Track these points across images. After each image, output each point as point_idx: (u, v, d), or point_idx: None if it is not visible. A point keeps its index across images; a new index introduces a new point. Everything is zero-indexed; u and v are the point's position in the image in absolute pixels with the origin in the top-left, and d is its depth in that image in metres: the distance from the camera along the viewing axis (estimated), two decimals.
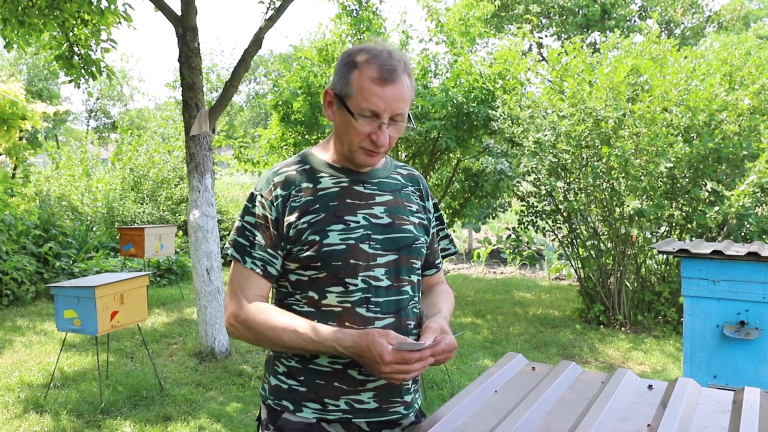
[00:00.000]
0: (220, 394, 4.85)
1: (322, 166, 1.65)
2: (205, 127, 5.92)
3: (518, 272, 11.00)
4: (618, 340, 6.40)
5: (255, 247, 1.59)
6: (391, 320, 1.59)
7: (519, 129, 7.02)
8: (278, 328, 1.51)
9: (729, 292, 3.49)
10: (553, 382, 1.76)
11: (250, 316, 1.55)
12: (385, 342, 1.43)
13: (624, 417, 1.57)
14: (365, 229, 1.58)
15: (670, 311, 6.78)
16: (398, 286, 1.62)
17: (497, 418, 1.57)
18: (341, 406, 1.56)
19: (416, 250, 1.66)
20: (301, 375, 1.58)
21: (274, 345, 1.55)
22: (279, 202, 1.58)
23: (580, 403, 1.65)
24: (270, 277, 1.60)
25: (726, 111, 6.24)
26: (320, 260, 1.54)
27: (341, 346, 1.47)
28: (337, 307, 1.55)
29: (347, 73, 1.55)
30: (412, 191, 1.75)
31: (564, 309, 7.86)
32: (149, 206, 11.26)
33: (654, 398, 1.69)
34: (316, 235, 1.54)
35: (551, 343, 6.27)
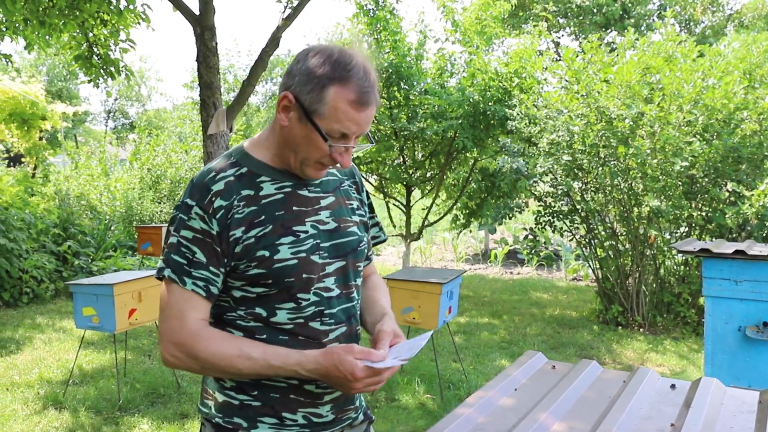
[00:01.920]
0: None
1: (261, 168, 1.50)
2: (223, 126, 5.94)
3: (535, 273, 10.93)
4: (636, 342, 6.33)
5: (194, 266, 1.42)
6: (344, 329, 1.54)
7: (536, 129, 6.97)
8: (231, 356, 1.40)
9: (752, 292, 3.44)
10: (573, 381, 1.74)
11: (196, 345, 1.40)
12: (352, 359, 1.37)
13: (647, 416, 1.54)
14: (314, 238, 1.49)
15: (689, 312, 6.70)
16: (347, 293, 1.57)
17: (517, 416, 1.55)
18: (299, 420, 1.50)
19: (361, 253, 1.61)
20: (254, 390, 1.48)
21: (225, 374, 1.44)
22: (221, 215, 1.42)
23: (601, 402, 1.62)
24: (212, 297, 1.45)
25: (746, 110, 6.15)
26: (271, 277, 1.43)
27: (304, 369, 1.40)
28: (288, 324, 1.47)
29: (320, 88, 1.39)
30: (349, 185, 1.67)
31: (581, 310, 7.80)
32: (167, 205, 11.33)
33: (677, 398, 1.66)
34: (265, 251, 1.43)
35: (569, 344, 6.22)
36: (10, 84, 13.87)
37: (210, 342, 1.41)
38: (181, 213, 1.45)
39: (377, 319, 1.63)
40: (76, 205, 10.15)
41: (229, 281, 1.48)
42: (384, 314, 1.64)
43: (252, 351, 1.42)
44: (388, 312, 1.65)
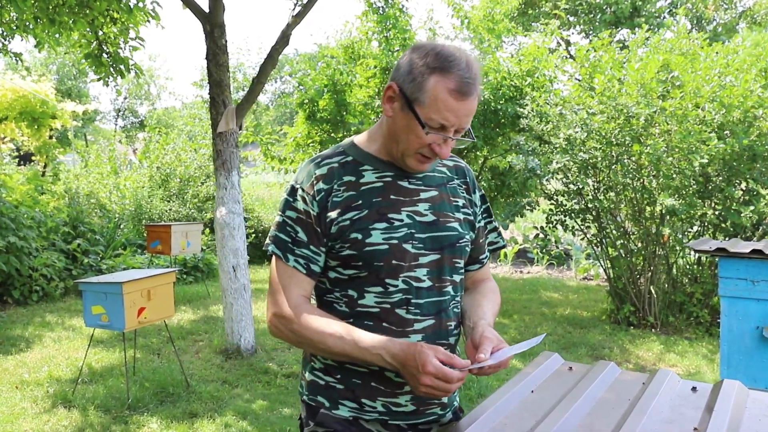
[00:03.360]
0: (245, 392, 4.84)
1: (365, 158, 1.57)
2: (232, 124, 5.92)
3: (545, 272, 10.87)
4: (649, 342, 6.27)
5: (297, 244, 1.53)
6: (431, 322, 1.55)
7: (548, 126, 6.91)
8: (324, 333, 1.46)
9: None
10: (591, 383, 1.69)
11: (294, 318, 1.49)
12: (431, 354, 1.36)
13: (668, 420, 1.50)
14: (409, 227, 1.52)
15: (702, 313, 6.63)
16: (440, 287, 1.57)
17: (535, 418, 1.51)
18: (378, 407, 1.52)
19: (460, 249, 1.61)
20: (338, 373, 1.54)
21: (316, 349, 1.50)
22: (321, 197, 1.51)
23: (621, 405, 1.58)
24: (313, 275, 1.54)
25: (762, 107, 6.07)
26: (361, 259, 1.49)
27: (388, 354, 1.41)
28: (375, 307, 1.50)
29: (422, 77, 1.43)
30: (458, 184, 1.68)
31: (593, 309, 7.73)
32: (176, 204, 11.33)
33: (699, 401, 1.61)
34: (358, 233, 1.49)
35: (580, 344, 6.17)
36: (21, 83, 13.93)
37: (307, 318, 1.49)
38: (288, 195, 1.56)
39: (474, 323, 1.61)
40: (86, 204, 10.16)
41: (327, 261, 1.55)
42: (480, 319, 1.60)
43: (343, 331, 1.46)
44: (487, 318, 1.61)
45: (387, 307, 1.50)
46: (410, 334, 1.50)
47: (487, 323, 1.57)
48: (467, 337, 1.59)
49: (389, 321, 1.49)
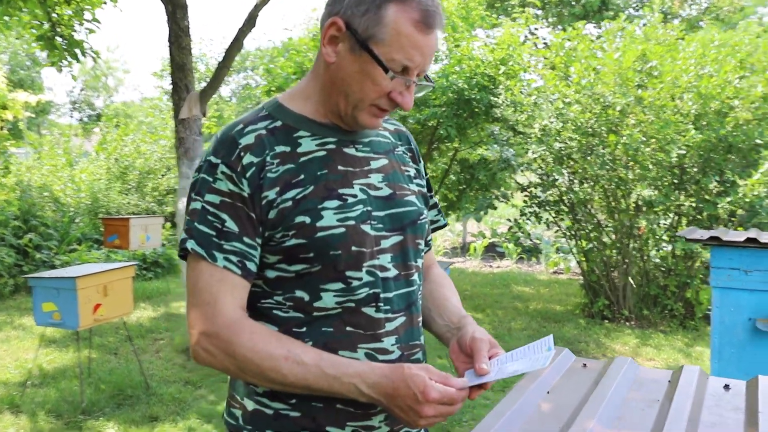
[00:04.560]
0: (210, 393, 4.56)
1: (299, 122, 1.25)
2: (196, 110, 5.61)
3: (515, 266, 10.76)
4: (624, 335, 6.16)
5: (225, 237, 1.17)
6: (403, 319, 1.27)
7: (523, 116, 6.76)
8: (277, 357, 1.13)
9: (763, 282, 3.24)
10: (612, 382, 1.49)
11: (234, 339, 1.14)
12: (426, 376, 1.10)
13: (710, 424, 1.30)
14: (364, 204, 1.23)
15: (676, 306, 6.55)
16: (407, 276, 1.29)
17: (558, 424, 1.30)
18: None
19: (421, 228, 1.32)
20: (292, 397, 1.20)
21: (264, 378, 1.15)
22: (252, 173, 1.17)
23: (651, 407, 1.38)
24: (250, 275, 1.19)
25: (738, 98, 6.01)
26: (313, 249, 1.17)
27: (365, 383, 1.12)
28: (336, 309, 1.20)
29: (376, 7, 1.15)
30: (404, 152, 1.40)
31: (565, 303, 7.62)
32: (135, 197, 10.90)
33: (736, 401, 1.42)
34: (305, 216, 1.17)
35: (556, 339, 5.99)
36: None
37: (253, 337, 1.15)
38: (205, 173, 1.20)
39: (454, 323, 1.35)
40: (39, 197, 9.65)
41: (263, 257, 1.22)
42: (463, 317, 1.36)
43: (304, 355, 1.15)
44: (466, 314, 1.37)
45: (351, 306, 1.20)
46: (382, 338, 1.22)
47: (471, 321, 1.32)
48: (444, 340, 1.34)
49: (355, 324, 1.20)
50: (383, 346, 1.23)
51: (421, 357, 1.31)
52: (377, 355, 1.22)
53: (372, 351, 1.22)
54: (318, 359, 1.14)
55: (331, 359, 1.14)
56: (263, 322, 1.21)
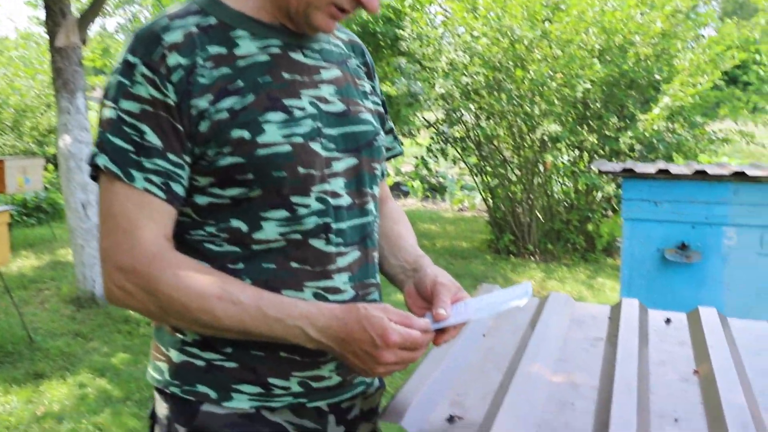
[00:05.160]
0: (103, 345, 4.23)
1: (237, 19, 1.02)
2: (74, 37, 5.02)
3: (421, 204, 10.77)
4: (530, 270, 6.27)
5: (146, 153, 0.96)
6: (357, 254, 1.07)
7: (429, 49, 6.57)
8: (208, 297, 0.94)
9: (672, 213, 3.27)
10: (550, 319, 1.36)
11: (157, 275, 0.94)
12: (385, 317, 0.93)
13: (659, 362, 1.19)
14: (314, 119, 1.02)
15: (578, 239, 6.73)
16: (361, 204, 1.09)
17: (500, 370, 1.15)
18: (293, 387, 1.04)
19: (378, 151, 1.13)
20: (228, 345, 1.01)
21: (193, 321, 0.96)
22: (179, 77, 0.96)
23: (595, 347, 1.26)
24: (176, 200, 0.98)
25: (639, 34, 6.07)
26: (252, 170, 0.97)
27: (314, 327, 0.94)
28: (279, 241, 1.00)
29: None
30: (358, 65, 1.19)
31: (472, 240, 7.68)
32: (11, 137, 9.96)
33: (681, 335, 1.32)
34: (244, 130, 0.96)
35: (464, 275, 6.04)
36: None
37: (179, 273, 0.95)
38: (120, 76, 0.98)
39: (410, 263, 1.15)
40: None
41: (193, 179, 1.01)
42: (419, 257, 1.17)
43: (241, 293, 0.96)
44: (423, 254, 1.18)
45: (297, 238, 1.01)
46: (333, 275, 1.03)
47: (428, 261, 1.14)
48: (398, 282, 1.16)
49: (301, 259, 1.01)
50: (334, 285, 1.04)
51: (377, 297, 1.13)
52: (327, 295, 1.03)
53: (321, 290, 1.03)
54: (257, 298, 0.95)
55: (273, 299, 0.96)
56: (192, 257, 1.00)
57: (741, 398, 0.99)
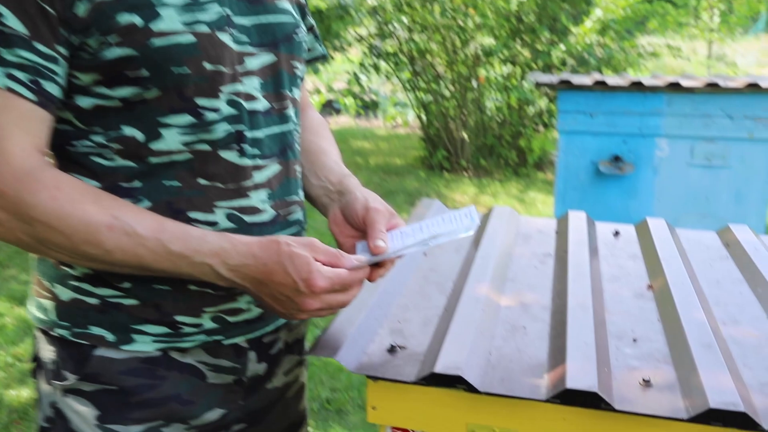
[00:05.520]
0: (21, 272, 3.98)
1: None
2: None
3: (354, 122, 10.55)
4: (463, 186, 6.26)
5: (6, 42, 0.75)
6: (277, 168, 0.92)
7: None
8: (96, 226, 0.76)
9: (606, 125, 3.23)
10: (495, 235, 1.26)
11: (29, 198, 0.76)
12: (310, 255, 0.79)
13: (611, 277, 1.12)
14: (221, 4, 0.84)
15: (510, 154, 6.73)
16: (280, 109, 0.93)
17: (443, 293, 1.05)
18: (205, 324, 0.89)
19: (298, 47, 0.96)
20: (125, 279, 0.85)
21: (79, 256, 0.79)
22: None
23: (544, 264, 1.18)
24: (50, 103, 0.78)
25: None
26: (147, 65, 0.79)
27: (226, 265, 0.79)
28: (183, 153, 0.83)
29: None
30: None
31: (405, 157, 7.58)
32: None
33: (631, 248, 1.26)
34: (134, 15, 0.77)
35: (398, 192, 5.97)
36: None
37: (58, 195, 0.77)
38: None
39: (334, 184, 1.00)
40: None
41: (73, 77, 0.80)
42: (344, 176, 1.02)
43: (137, 222, 0.79)
44: (349, 173, 1.03)
45: (205, 150, 0.84)
46: (249, 192, 0.88)
47: (356, 183, 1.00)
48: (321, 206, 1.02)
49: (211, 174, 0.85)
50: (251, 204, 0.89)
51: (300, 217, 0.99)
52: (243, 216, 0.88)
53: (236, 211, 0.87)
54: (158, 230, 0.79)
55: (176, 230, 0.80)
56: (76, 174, 0.82)
57: (700, 314, 0.93)
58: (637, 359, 0.85)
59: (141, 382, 0.86)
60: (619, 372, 0.82)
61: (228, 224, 0.86)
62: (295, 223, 0.96)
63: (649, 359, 0.85)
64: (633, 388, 0.79)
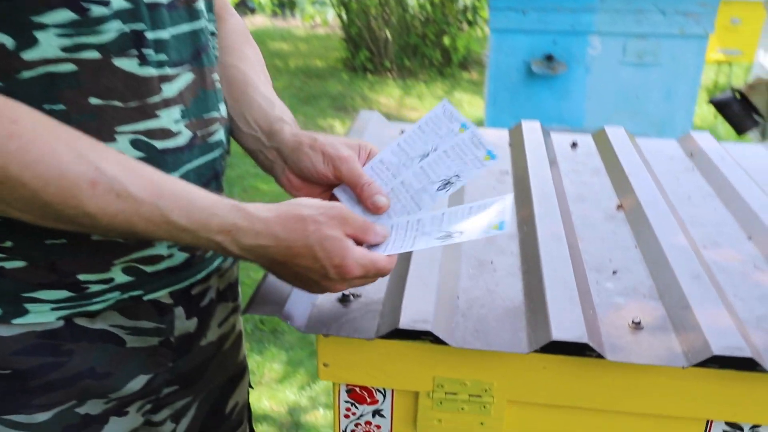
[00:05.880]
0: None
1: None
2: None
3: (270, 22, 9.97)
4: (388, 88, 6.05)
5: None
6: (189, 77, 0.73)
7: None
8: (74, 178, 0.58)
9: (539, 22, 3.09)
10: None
11: None
12: (344, 239, 0.65)
13: (578, 197, 1.01)
14: None
15: (435, 54, 6.53)
16: (188, 1, 0.73)
17: None
18: (117, 279, 0.72)
19: None
20: (5, 235, 0.66)
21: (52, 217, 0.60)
22: None
23: (502, 183, 1.06)
24: None
25: None
26: None
27: (239, 244, 0.64)
28: (65, 61, 0.62)
29: None
30: None
31: (326, 58, 7.24)
32: None
33: (592, 161, 1.16)
34: None
35: (321, 96, 5.72)
36: None
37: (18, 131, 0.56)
38: None
39: (264, 130, 0.81)
40: None
41: None
42: (276, 119, 0.81)
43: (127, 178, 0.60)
44: (282, 110, 0.84)
45: (94, 58, 0.64)
46: (157, 111, 0.69)
47: (293, 126, 0.82)
48: (261, 163, 0.83)
49: (104, 90, 0.65)
50: (161, 125, 0.70)
51: (222, 137, 0.81)
52: (152, 141, 0.69)
53: (142, 135, 0.68)
54: (155, 192, 0.61)
55: (176, 194, 0.62)
56: None
57: (680, 238, 0.84)
58: (621, 295, 0.76)
59: (42, 362, 0.70)
60: (605, 313, 0.73)
61: (134, 153, 0.67)
62: (216, 146, 0.79)
63: (634, 295, 0.76)
64: (622, 331, 0.70)
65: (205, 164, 0.77)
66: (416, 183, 0.77)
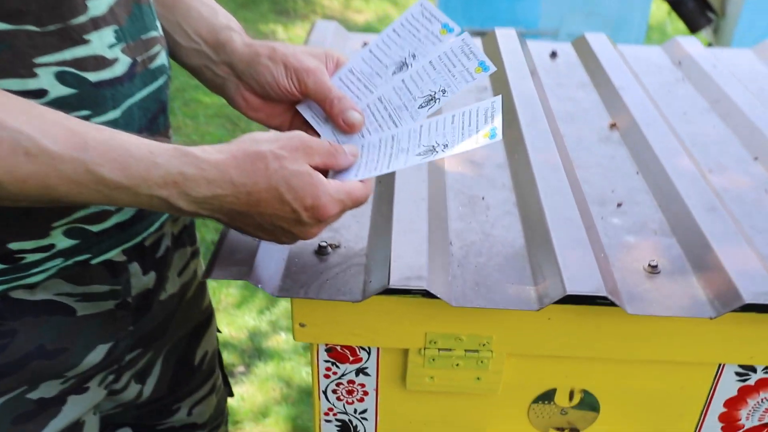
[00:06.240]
0: None
1: None
2: None
3: None
4: None
5: None
6: None
7: None
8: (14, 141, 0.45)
9: None
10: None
11: None
12: (312, 173, 0.54)
13: (567, 117, 0.92)
14: None
15: None
16: None
17: None
18: (59, 244, 0.60)
19: None
20: None
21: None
22: None
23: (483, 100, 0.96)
24: None
25: None
26: None
27: (188, 198, 0.51)
28: None
29: None
30: None
31: None
32: None
33: (575, 73, 1.05)
34: None
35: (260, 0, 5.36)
36: None
37: None
38: None
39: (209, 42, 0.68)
40: None
41: None
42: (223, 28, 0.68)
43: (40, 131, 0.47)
44: (229, 19, 0.70)
45: None
46: (86, 35, 0.55)
47: (242, 35, 0.69)
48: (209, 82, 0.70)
49: (17, 13, 0.51)
50: (92, 52, 0.56)
51: (165, 61, 0.67)
52: (83, 73, 0.55)
53: (69, 66, 0.55)
54: (77, 145, 0.48)
55: (105, 145, 0.49)
56: None
57: (685, 161, 0.76)
58: (630, 233, 0.68)
59: None
60: (617, 256, 0.65)
61: (62, 90, 0.54)
62: (160, 72, 0.65)
63: (645, 231, 0.68)
64: (638, 277, 0.62)
65: (150, 95, 0.63)
66: (395, 98, 0.65)
